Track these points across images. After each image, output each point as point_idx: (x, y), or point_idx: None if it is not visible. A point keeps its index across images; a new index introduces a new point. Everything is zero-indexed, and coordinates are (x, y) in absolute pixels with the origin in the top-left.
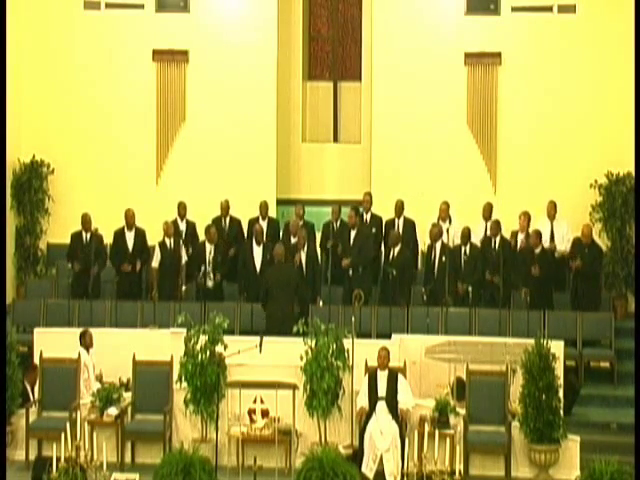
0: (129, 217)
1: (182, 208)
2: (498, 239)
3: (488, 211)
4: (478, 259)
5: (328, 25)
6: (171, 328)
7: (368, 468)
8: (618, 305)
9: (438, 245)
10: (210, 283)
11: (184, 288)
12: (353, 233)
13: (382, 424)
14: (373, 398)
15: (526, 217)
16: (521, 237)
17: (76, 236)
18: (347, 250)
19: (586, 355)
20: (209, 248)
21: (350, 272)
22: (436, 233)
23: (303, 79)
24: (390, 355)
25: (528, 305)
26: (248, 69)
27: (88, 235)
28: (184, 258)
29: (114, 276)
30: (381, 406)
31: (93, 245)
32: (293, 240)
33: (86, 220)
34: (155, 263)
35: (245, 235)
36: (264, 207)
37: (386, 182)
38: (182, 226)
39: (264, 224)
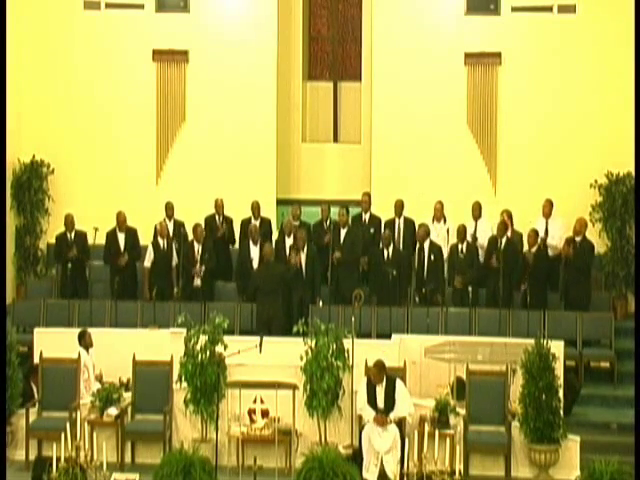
0: (120, 221)
1: (169, 208)
2: (504, 240)
3: (477, 210)
4: (475, 257)
5: (328, 25)
6: (171, 328)
7: (370, 472)
8: (618, 305)
9: (426, 245)
10: (198, 281)
11: (175, 289)
12: (343, 232)
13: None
14: (372, 408)
15: (508, 215)
16: (507, 235)
17: (60, 237)
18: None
19: (586, 355)
20: (197, 247)
21: (338, 272)
22: (422, 233)
23: (303, 79)
24: (385, 367)
25: (528, 303)
26: (248, 69)
27: (72, 235)
28: (174, 259)
29: (105, 275)
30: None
31: (80, 243)
32: (288, 240)
33: (69, 220)
34: (147, 263)
35: (236, 235)
36: (256, 207)
37: (386, 182)
38: (170, 226)
39: (256, 224)
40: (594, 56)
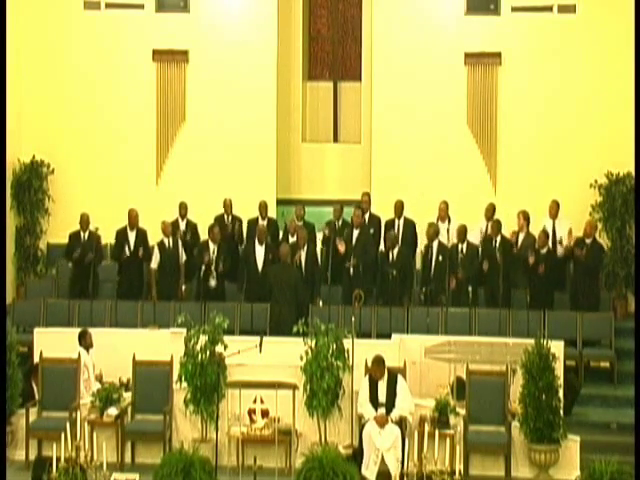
0: (132, 217)
1: (183, 208)
2: (499, 239)
3: (491, 211)
4: (475, 257)
5: (328, 25)
6: (171, 328)
7: (369, 470)
8: (618, 305)
9: (435, 244)
10: (213, 282)
11: (184, 288)
12: (356, 233)
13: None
14: (374, 404)
15: (524, 216)
16: (522, 237)
17: (74, 235)
18: (349, 250)
19: (586, 355)
20: (212, 248)
21: (351, 271)
22: (432, 233)
23: (303, 79)
24: (385, 362)
25: (528, 305)
26: (248, 69)
27: (86, 234)
28: (183, 258)
29: (114, 276)
30: (382, 412)
31: (93, 243)
32: (292, 240)
33: (84, 220)
34: (154, 264)
35: (245, 234)
36: (264, 207)
37: (386, 182)
38: (183, 226)
39: (264, 224)
40: (594, 56)
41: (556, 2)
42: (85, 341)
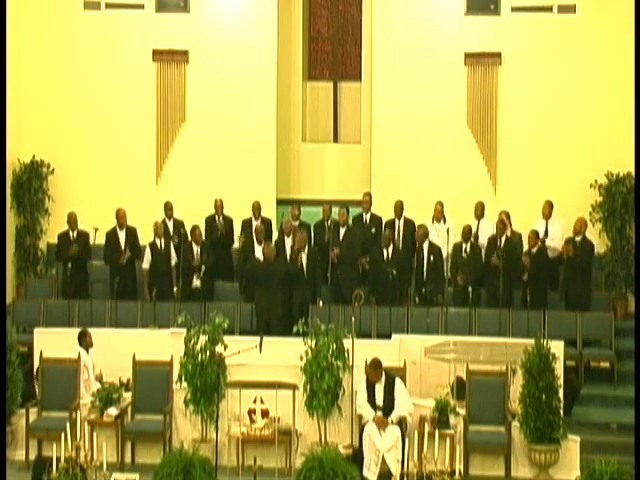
0: (120, 217)
1: (168, 208)
2: (504, 239)
3: (480, 210)
4: (479, 259)
5: (328, 25)
6: (171, 328)
7: (370, 471)
8: (618, 305)
9: (425, 246)
10: (197, 282)
11: (175, 289)
12: (342, 231)
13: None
14: (372, 407)
15: (506, 215)
16: (507, 234)
17: (63, 236)
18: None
19: (586, 355)
20: (195, 249)
21: (338, 272)
22: (421, 234)
23: (303, 79)
24: (382, 365)
25: (528, 305)
26: (248, 69)
27: (74, 234)
28: (174, 259)
29: (108, 276)
30: (380, 414)
31: (82, 242)
32: (288, 240)
33: (72, 219)
34: (146, 264)
35: (236, 235)
36: (257, 208)
37: (386, 182)
38: (170, 226)
39: (258, 224)
40: (594, 56)
41: (556, 2)
42: (85, 341)
